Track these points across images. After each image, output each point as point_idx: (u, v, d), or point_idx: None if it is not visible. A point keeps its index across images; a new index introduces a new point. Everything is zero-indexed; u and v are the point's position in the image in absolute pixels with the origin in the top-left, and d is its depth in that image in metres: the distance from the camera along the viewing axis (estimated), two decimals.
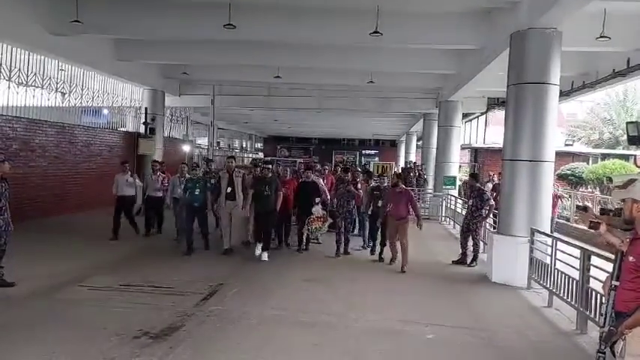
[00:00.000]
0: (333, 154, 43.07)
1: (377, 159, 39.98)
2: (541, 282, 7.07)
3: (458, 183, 17.51)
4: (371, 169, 21.44)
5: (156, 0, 10.18)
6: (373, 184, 10.49)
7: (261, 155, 39.33)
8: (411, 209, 8.70)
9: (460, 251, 9.34)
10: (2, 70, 11.49)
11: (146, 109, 17.33)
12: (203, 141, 30.26)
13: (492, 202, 9.43)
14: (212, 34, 10.33)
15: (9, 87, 11.74)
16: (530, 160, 7.84)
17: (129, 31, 10.96)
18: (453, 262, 9.24)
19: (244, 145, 43.13)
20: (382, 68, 14.20)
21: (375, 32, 9.10)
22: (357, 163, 39.80)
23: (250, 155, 38.78)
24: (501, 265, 7.88)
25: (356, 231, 10.69)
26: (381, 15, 9.03)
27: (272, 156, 35.19)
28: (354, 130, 36.34)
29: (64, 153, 13.45)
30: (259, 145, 47.20)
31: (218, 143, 30.16)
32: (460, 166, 20.72)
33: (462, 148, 22.55)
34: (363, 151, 45.17)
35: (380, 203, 9.16)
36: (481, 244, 9.64)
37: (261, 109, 22.73)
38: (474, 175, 10.19)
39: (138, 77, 16.00)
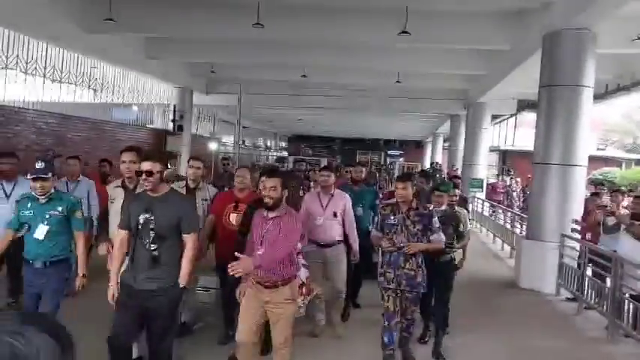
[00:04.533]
0: (358, 154, 42.89)
1: (402, 159, 39.64)
2: (571, 289, 6.92)
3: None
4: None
5: None
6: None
7: (285, 154, 39.16)
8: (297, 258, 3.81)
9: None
10: (37, 66, 11.83)
11: (174, 106, 17.64)
12: (229, 139, 30.58)
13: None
14: (241, 33, 10.38)
15: (44, 83, 12.08)
16: (561, 164, 7.67)
17: (160, 29, 11.12)
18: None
19: (269, 144, 43.32)
20: (410, 69, 14.07)
21: (404, 32, 9.02)
22: (382, 163, 39.49)
23: (275, 154, 38.82)
24: (530, 271, 7.74)
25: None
26: (409, 15, 8.94)
27: (295, 154, 35.03)
28: (379, 130, 36.10)
29: (95, 149, 13.74)
30: (283, 144, 47.36)
31: (243, 141, 30.37)
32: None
33: (490, 150, 22.21)
34: (389, 152, 44.89)
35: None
36: None
37: (287, 108, 22.80)
38: (424, 174, 5.95)
39: (167, 75, 16.23)
